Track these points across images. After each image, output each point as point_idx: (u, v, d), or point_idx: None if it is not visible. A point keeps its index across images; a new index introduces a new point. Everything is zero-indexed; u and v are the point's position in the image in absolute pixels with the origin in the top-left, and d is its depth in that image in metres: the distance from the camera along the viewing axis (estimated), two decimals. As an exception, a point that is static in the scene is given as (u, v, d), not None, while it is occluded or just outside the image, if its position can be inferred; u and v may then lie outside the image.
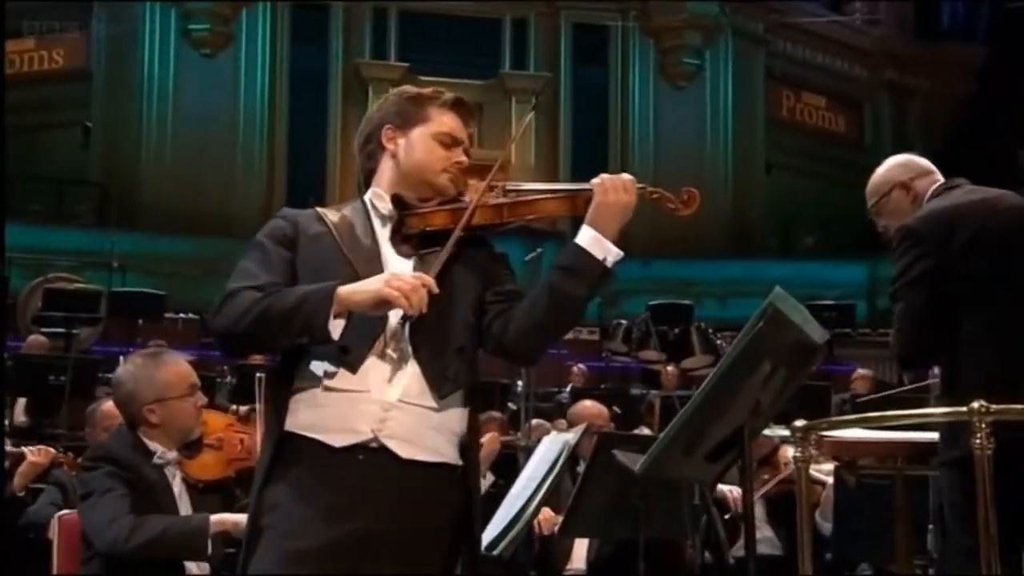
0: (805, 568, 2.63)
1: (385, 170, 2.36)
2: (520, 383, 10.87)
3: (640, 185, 2.23)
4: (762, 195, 16.76)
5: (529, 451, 4.10)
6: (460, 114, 2.38)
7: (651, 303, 11.60)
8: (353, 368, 2.16)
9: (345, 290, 2.09)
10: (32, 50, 15.76)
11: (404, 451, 2.14)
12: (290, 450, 2.16)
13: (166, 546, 3.01)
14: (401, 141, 2.34)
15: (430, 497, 2.16)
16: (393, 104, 2.38)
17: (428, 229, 2.27)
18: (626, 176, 2.22)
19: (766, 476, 5.16)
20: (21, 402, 8.38)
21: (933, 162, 3.21)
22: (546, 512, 4.27)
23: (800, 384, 2.28)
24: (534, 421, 6.61)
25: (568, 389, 9.85)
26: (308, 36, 15.49)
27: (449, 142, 2.34)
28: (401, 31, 15.77)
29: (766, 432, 4.04)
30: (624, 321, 11.49)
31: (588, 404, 5.27)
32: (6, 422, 7.45)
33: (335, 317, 2.08)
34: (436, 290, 2.10)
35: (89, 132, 15.14)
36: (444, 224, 2.26)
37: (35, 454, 4.41)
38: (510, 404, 8.64)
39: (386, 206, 2.32)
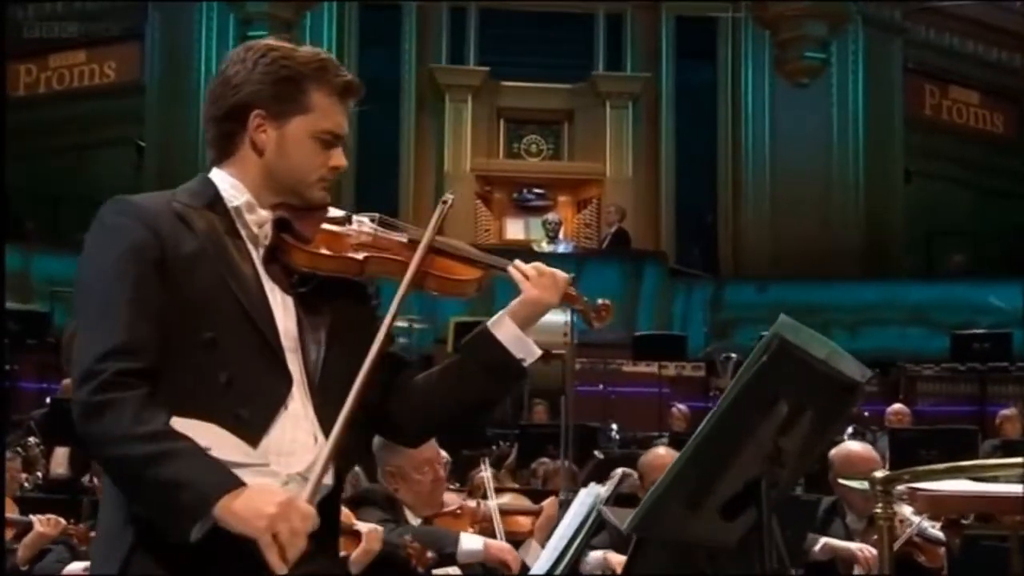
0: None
1: (248, 164, 2.15)
2: (614, 426, 10.85)
3: (572, 289, 2.26)
4: (901, 207, 16.39)
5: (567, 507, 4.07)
6: (347, 100, 2.20)
7: (764, 334, 11.43)
8: (253, 440, 2.00)
9: (224, 506, 1.85)
10: (83, 63, 16.40)
11: None
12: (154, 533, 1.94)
13: None
14: (273, 134, 2.13)
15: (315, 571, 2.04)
16: (269, 82, 2.12)
17: (319, 274, 2.15)
18: (561, 274, 2.24)
19: (876, 537, 5.04)
20: (61, 452, 8.65)
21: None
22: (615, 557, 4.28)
23: (838, 428, 2.23)
24: (619, 470, 6.55)
25: (668, 434, 9.77)
26: (378, 39, 15.71)
27: (331, 140, 2.16)
28: (481, 32, 15.90)
29: (854, 484, 3.95)
30: (735, 355, 11.36)
31: (662, 452, 5.15)
32: (39, 474, 7.73)
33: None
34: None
35: (142, 152, 15.63)
36: (335, 271, 2.17)
37: (44, 524, 4.52)
38: (596, 452, 8.59)
39: (257, 220, 2.15)
